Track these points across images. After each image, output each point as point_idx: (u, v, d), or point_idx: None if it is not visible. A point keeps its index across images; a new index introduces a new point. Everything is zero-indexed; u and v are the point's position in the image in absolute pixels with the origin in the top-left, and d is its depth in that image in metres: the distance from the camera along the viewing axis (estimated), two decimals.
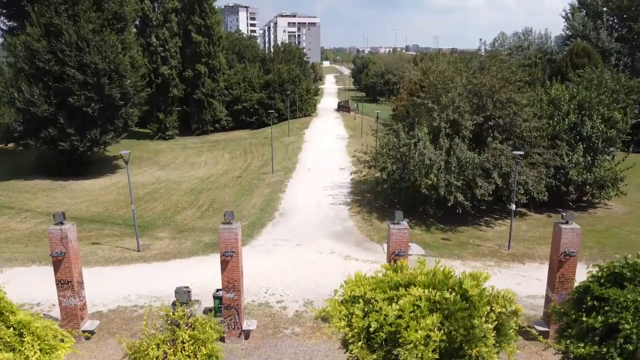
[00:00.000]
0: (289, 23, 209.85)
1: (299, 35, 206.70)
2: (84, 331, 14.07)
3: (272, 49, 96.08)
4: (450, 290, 8.55)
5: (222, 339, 13.89)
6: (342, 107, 72.95)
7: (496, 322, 8.41)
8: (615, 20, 64.80)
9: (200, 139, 56.52)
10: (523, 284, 17.78)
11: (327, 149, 43.51)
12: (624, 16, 62.80)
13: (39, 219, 26.93)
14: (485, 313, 8.30)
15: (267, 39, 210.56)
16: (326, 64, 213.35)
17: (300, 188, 30.64)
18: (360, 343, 8.51)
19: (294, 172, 34.90)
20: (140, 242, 21.19)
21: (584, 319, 8.91)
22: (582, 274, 17.24)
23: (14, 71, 34.76)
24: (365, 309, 8.74)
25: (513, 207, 20.52)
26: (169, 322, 8.80)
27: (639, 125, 33.76)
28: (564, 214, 13.37)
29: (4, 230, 25.04)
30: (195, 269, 19.10)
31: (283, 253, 20.49)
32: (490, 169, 23.48)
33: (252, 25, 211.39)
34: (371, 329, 8.42)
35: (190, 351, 8.49)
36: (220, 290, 14.96)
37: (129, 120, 37.78)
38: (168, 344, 8.54)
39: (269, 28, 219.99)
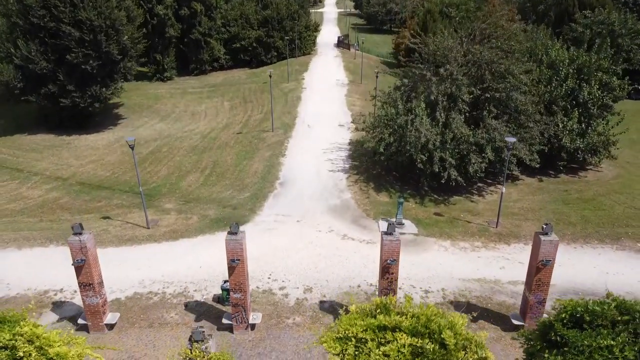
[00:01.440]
0: None
1: None
2: (106, 324, 15.65)
3: None
4: (430, 338, 9.82)
5: (231, 331, 15.60)
6: (342, 43, 71.45)
7: None
8: None
9: (199, 80, 56.17)
10: (506, 267, 19.23)
11: (326, 98, 43.65)
12: None
13: (48, 184, 27.98)
14: (460, 358, 9.62)
15: None
16: None
17: (300, 151, 31.41)
18: None
19: (294, 130, 35.45)
20: (148, 218, 22.39)
21: (546, 355, 10.24)
22: (564, 256, 18.77)
23: (8, 26, 34.19)
24: (356, 352, 10.07)
25: (503, 190, 21.50)
26: (188, 358, 10.13)
27: None
28: (545, 226, 14.43)
29: (17, 198, 26.20)
30: (203, 248, 20.47)
31: (284, 231, 21.79)
32: (484, 144, 24.20)
33: None
34: None
35: None
36: (227, 281, 16.35)
37: (127, 75, 37.66)
38: None
39: None
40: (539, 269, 14.58)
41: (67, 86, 34.39)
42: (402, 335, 9.89)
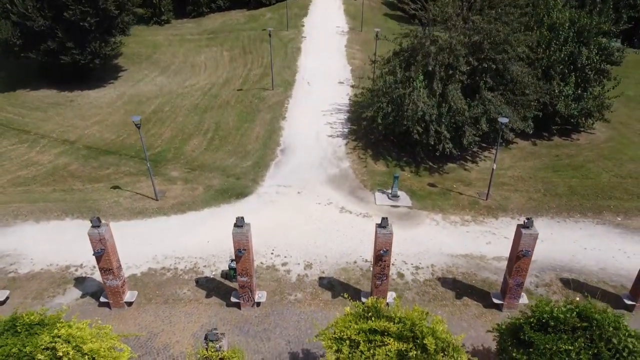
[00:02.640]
0: None
1: None
2: (126, 302, 17.32)
3: None
4: (414, 343, 11.37)
5: (239, 307, 17.30)
6: None
7: None
8: None
9: (197, 24, 55.14)
10: (493, 243, 20.71)
11: (326, 49, 43.43)
12: None
13: (56, 148, 28.89)
14: (439, 358, 11.21)
15: None
16: None
17: (300, 113, 32.03)
18: None
19: (294, 88, 35.76)
20: (156, 188, 23.58)
21: (514, 354, 11.86)
22: (547, 231, 20.16)
23: None
24: (350, 352, 11.65)
25: (494, 166, 22.51)
26: (204, 358, 11.72)
27: None
28: (526, 220, 15.65)
29: (28, 163, 27.22)
30: (209, 222, 21.85)
31: (286, 204, 23.08)
32: (479, 115, 24.91)
33: None
34: None
35: None
36: (234, 260, 17.84)
37: (126, 30, 37.37)
38: None
39: None
40: (518, 258, 15.98)
41: (67, 43, 34.35)
42: (390, 340, 11.38)
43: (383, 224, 15.61)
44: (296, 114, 31.91)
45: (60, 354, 11.41)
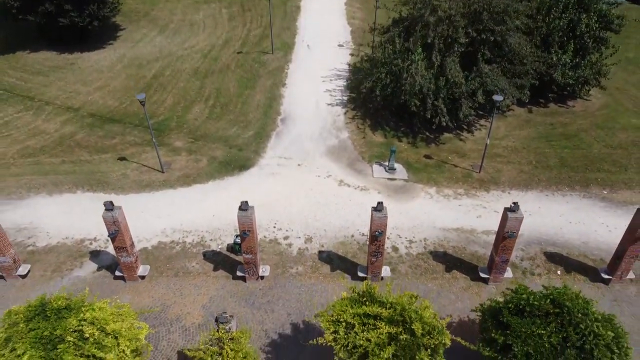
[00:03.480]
0: None
1: None
2: (139, 276, 18.67)
3: None
4: (403, 327, 12.71)
5: (244, 280, 18.68)
6: None
7: (432, 343, 12.70)
8: None
9: None
10: (483, 216, 21.87)
11: (325, 8, 42.98)
12: None
13: (61, 116, 29.48)
14: (424, 342, 12.60)
15: None
16: None
17: (300, 79, 32.36)
18: (343, 351, 13.01)
19: (293, 52, 35.81)
20: (162, 160, 24.47)
21: (493, 334, 13.25)
22: (535, 204, 21.26)
23: None
24: (346, 333, 13.03)
25: (487, 141, 23.30)
26: (215, 338, 13.08)
27: None
28: (513, 205, 16.67)
29: (35, 132, 27.93)
30: (214, 195, 22.91)
31: (287, 177, 24.05)
32: (476, 88, 25.41)
33: None
34: (350, 346, 12.84)
35: (232, 356, 12.98)
36: (239, 236, 19.06)
37: None
38: (218, 354, 12.95)
39: None
40: (504, 238, 17.15)
41: (65, 5, 34.15)
42: (382, 324, 12.73)
43: (378, 208, 16.65)
44: (296, 81, 32.25)
45: (87, 335, 12.78)
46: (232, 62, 35.06)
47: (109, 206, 16.63)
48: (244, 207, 16.70)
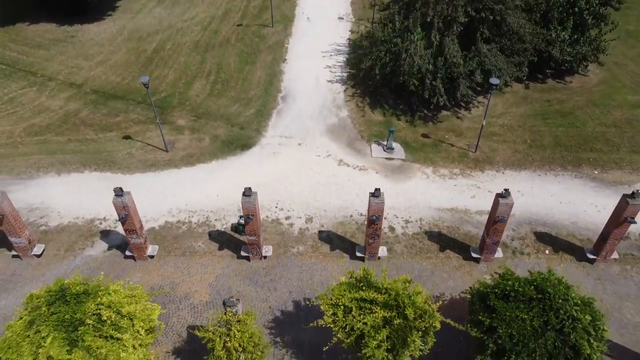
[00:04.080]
0: None
1: None
2: (148, 255, 19.68)
3: None
4: (397, 311, 13.74)
5: (248, 259, 19.71)
6: None
7: (423, 326, 13.77)
8: None
9: None
10: (477, 197, 22.70)
11: None
12: None
13: (65, 92, 29.87)
14: (416, 324, 13.66)
15: None
16: None
17: (300, 54, 32.52)
18: (341, 332, 14.10)
19: (294, 25, 35.75)
20: (166, 139, 25.11)
21: (480, 316, 14.30)
22: (528, 184, 22.04)
23: None
24: (344, 316, 14.07)
25: (484, 122, 23.86)
26: (223, 320, 14.13)
27: None
28: (504, 191, 17.46)
29: (40, 109, 28.41)
30: (217, 175, 23.68)
31: (287, 156, 24.73)
32: (474, 68, 25.76)
33: None
34: (347, 328, 13.93)
35: (239, 337, 14.07)
36: (242, 217, 19.98)
37: None
38: (226, 335, 14.03)
39: None
40: (495, 222, 18.03)
41: None
42: (377, 308, 13.77)
43: (376, 194, 17.46)
44: (296, 56, 32.43)
45: (105, 318, 13.83)
46: (232, 36, 35.10)
47: (119, 192, 17.43)
48: (247, 193, 17.49)
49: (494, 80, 22.22)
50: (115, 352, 13.71)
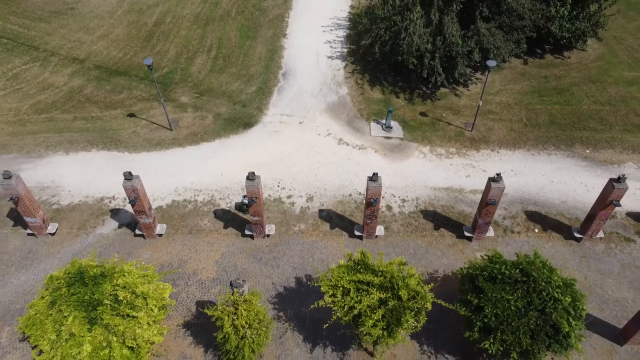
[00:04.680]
0: None
1: None
2: (157, 234, 20.69)
3: None
4: (392, 292, 14.83)
5: (252, 238, 20.74)
6: None
7: (416, 307, 14.88)
8: None
9: None
10: (471, 176, 23.53)
11: None
12: None
13: (68, 67, 30.23)
14: (409, 305, 14.77)
15: None
16: None
17: (300, 29, 32.64)
18: (340, 310, 15.24)
19: None
20: (169, 117, 25.72)
21: (469, 296, 15.41)
22: (521, 164, 22.87)
23: None
24: (343, 297, 15.16)
25: (480, 103, 24.41)
26: (231, 300, 15.23)
27: None
28: (496, 175, 18.27)
29: (45, 86, 28.86)
30: (221, 153, 24.41)
31: (288, 135, 25.41)
32: (473, 48, 26.10)
33: None
34: (346, 308, 15.06)
35: (246, 315, 15.21)
36: (245, 196, 20.92)
37: None
38: (233, 314, 15.17)
39: None
40: (487, 205, 18.94)
41: None
42: (373, 290, 14.84)
43: (374, 178, 18.30)
44: (296, 31, 32.57)
45: (121, 298, 14.93)
46: (232, 9, 35.06)
47: (128, 176, 18.24)
48: (251, 177, 18.32)
49: (490, 63, 22.66)
50: (132, 328, 14.87)
